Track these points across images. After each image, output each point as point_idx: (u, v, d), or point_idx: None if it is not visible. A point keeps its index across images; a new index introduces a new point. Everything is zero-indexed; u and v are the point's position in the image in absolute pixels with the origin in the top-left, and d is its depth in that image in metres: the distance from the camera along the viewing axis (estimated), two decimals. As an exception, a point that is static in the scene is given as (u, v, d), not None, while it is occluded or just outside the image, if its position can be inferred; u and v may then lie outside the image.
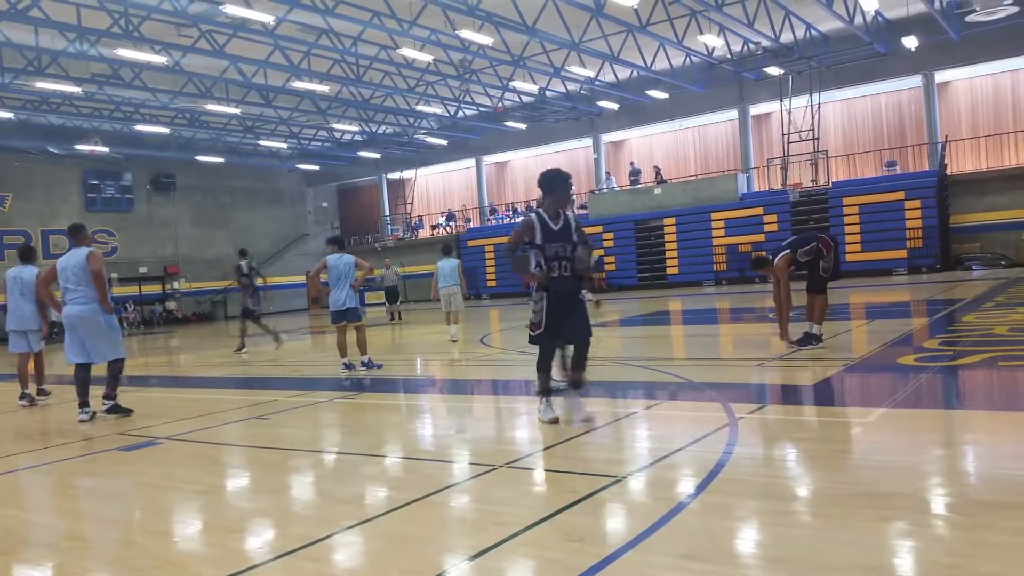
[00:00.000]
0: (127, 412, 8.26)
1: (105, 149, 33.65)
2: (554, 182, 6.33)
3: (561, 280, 6.20)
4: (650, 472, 4.78)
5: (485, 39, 23.84)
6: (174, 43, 23.30)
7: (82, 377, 8.27)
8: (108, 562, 3.94)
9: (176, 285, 39.54)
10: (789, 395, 7.32)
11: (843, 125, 32.62)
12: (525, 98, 33.54)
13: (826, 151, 30.08)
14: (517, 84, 30.39)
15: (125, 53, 22.32)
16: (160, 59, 23.47)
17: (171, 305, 39.03)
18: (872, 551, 3.29)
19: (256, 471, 5.77)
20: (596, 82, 30.81)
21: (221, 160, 38.80)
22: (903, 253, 27.17)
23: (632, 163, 36.27)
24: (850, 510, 3.79)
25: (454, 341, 14.28)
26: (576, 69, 28.55)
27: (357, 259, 10.97)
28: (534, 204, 38.59)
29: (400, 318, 24.07)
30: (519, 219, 27.13)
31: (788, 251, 9.44)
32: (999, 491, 3.99)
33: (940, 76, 29.39)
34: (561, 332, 6.31)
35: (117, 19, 21.22)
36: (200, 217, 40.61)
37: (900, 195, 27.61)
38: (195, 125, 34.33)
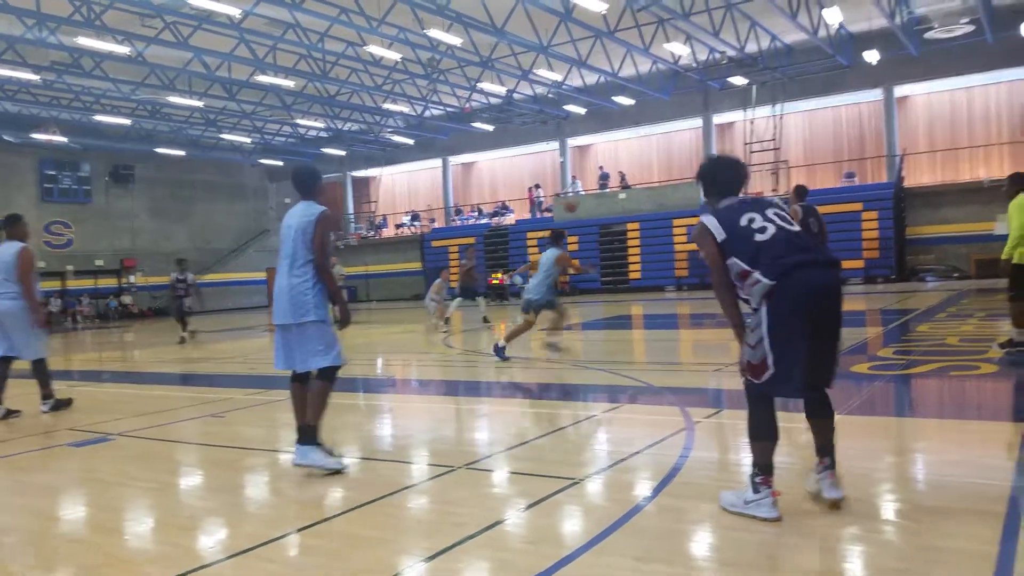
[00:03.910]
0: (68, 403, 8.11)
1: (63, 139, 32.93)
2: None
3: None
4: (607, 475, 4.80)
5: (454, 39, 23.80)
6: (137, 33, 22.88)
7: (2, 372, 8.03)
8: (53, 559, 3.85)
9: (132, 279, 38.80)
10: (745, 401, 7.39)
11: (804, 136, 33.12)
12: (492, 100, 33.54)
13: (787, 161, 30.53)
14: (485, 85, 30.37)
15: (86, 42, 21.86)
16: (122, 49, 23.02)
17: (127, 299, 38.29)
18: (823, 555, 3.35)
19: (210, 469, 5.69)
20: (563, 86, 30.92)
21: (182, 153, 38.19)
22: (860, 263, 27.65)
23: (601, 167, 36.46)
24: (802, 515, 3.85)
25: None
26: (544, 72, 28.63)
27: (558, 256, 10.55)
28: (499, 206, 38.69)
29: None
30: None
31: None
32: (948, 498, 4.08)
33: (899, 90, 29.99)
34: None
35: (78, 7, 20.77)
36: (159, 210, 39.91)
37: (858, 206, 28.10)
38: (156, 117, 33.75)
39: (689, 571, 3.27)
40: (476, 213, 39.76)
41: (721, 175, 4.21)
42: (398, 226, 42.05)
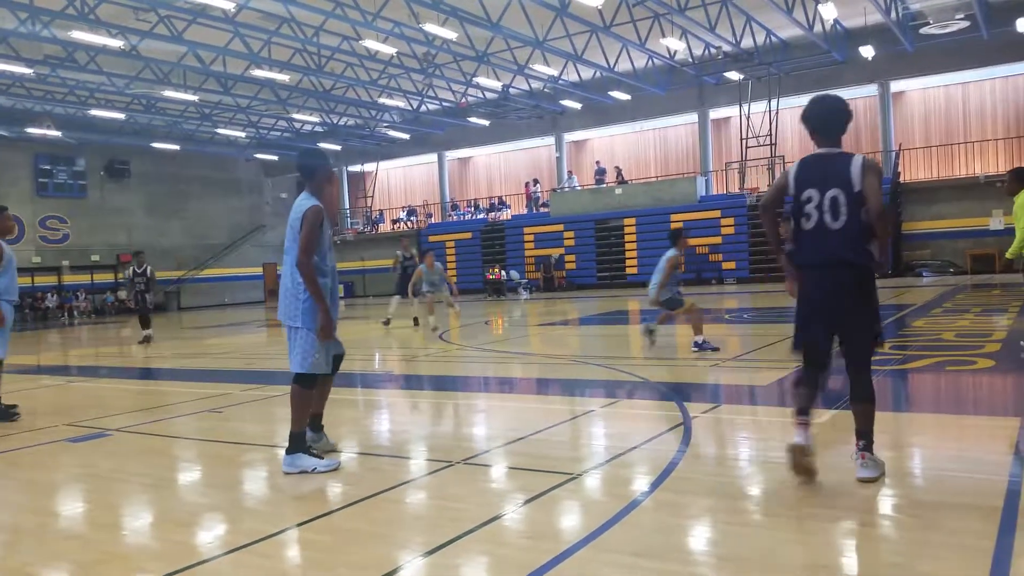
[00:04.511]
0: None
1: (57, 133, 32.82)
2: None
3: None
4: (605, 470, 4.81)
5: (449, 33, 23.75)
6: (131, 27, 22.81)
7: None
8: (50, 556, 3.85)
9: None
10: (742, 395, 7.42)
11: (800, 131, 32.62)
12: (488, 94, 33.50)
13: (783, 156, 30.54)
14: (481, 80, 30.33)
15: (80, 35, 21.79)
16: (116, 43, 22.94)
17: (123, 294, 38.20)
18: (820, 550, 3.36)
19: (208, 465, 5.68)
20: (559, 81, 30.89)
21: (177, 148, 38.09)
22: (856, 258, 27.68)
23: (598, 162, 36.45)
24: (799, 509, 3.86)
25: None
26: (540, 67, 28.60)
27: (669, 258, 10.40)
28: (496, 202, 38.68)
29: None
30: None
31: None
32: (945, 492, 4.09)
33: (895, 86, 30.03)
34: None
35: (72, 0, 20.70)
36: (155, 205, 39.81)
37: (854, 201, 28.10)
38: (151, 111, 33.65)
39: (687, 567, 3.27)
40: (472, 208, 39.73)
41: (813, 117, 4.50)
42: (394, 221, 42.01)
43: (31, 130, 32.20)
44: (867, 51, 26.53)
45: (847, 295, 4.25)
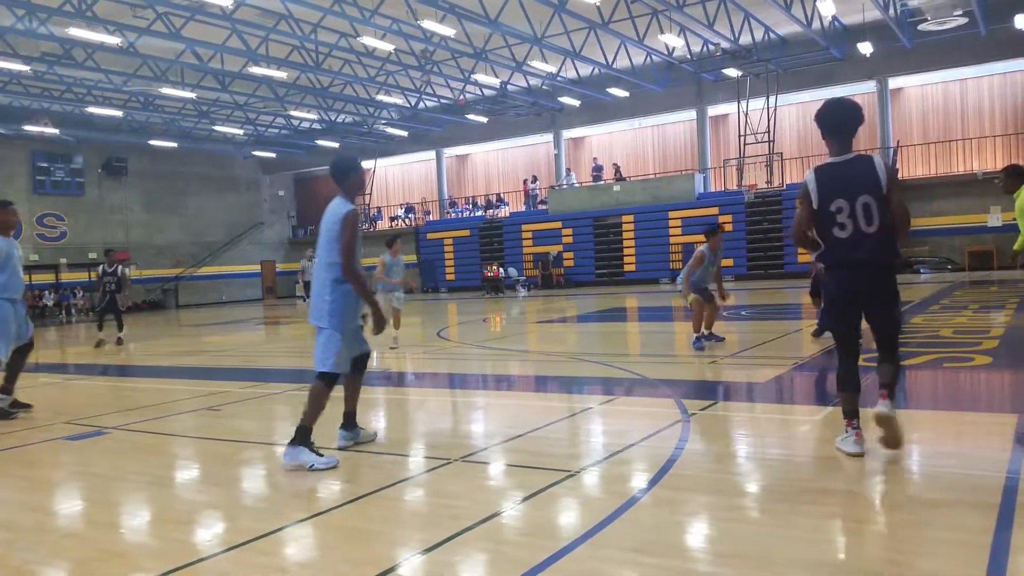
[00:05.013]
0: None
1: (55, 131, 32.74)
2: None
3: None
4: (603, 467, 4.81)
5: (447, 30, 23.71)
6: (129, 24, 22.74)
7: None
8: (48, 554, 3.85)
9: (122, 270, 38.59)
10: (740, 392, 7.43)
11: (798, 128, 33.12)
12: (487, 91, 33.45)
13: (781, 153, 30.52)
14: (479, 77, 30.28)
15: (77, 32, 21.72)
16: (114, 40, 22.87)
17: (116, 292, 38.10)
18: (818, 546, 3.36)
19: (206, 463, 5.68)
20: (558, 78, 30.85)
21: (175, 145, 38.01)
22: (854, 255, 27.70)
23: (595, 159, 36.44)
24: (797, 506, 3.87)
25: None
26: (538, 64, 28.55)
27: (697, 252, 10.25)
28: (494, 199, 38.66)
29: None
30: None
31: None
32: (941, 489, 4.10)
33: (893, 82, 30.01)
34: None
35: (69, -3, 20.65)
36: (152, 203, 39.73)
37: (852, 198, 28.12)
38: (149, 109, 33.57)
39: (686, 563, 3.28)
40: (470, 205, 39.71)
41: (828, 120, 4.62)
42: (392, 219, 41.98)
43: (28, 127, 32.12)
44: (865, 48, 26.52)
45: (883, 290, 4.64)
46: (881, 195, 4.45)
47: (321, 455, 5.07)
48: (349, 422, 5.59)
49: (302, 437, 5.08)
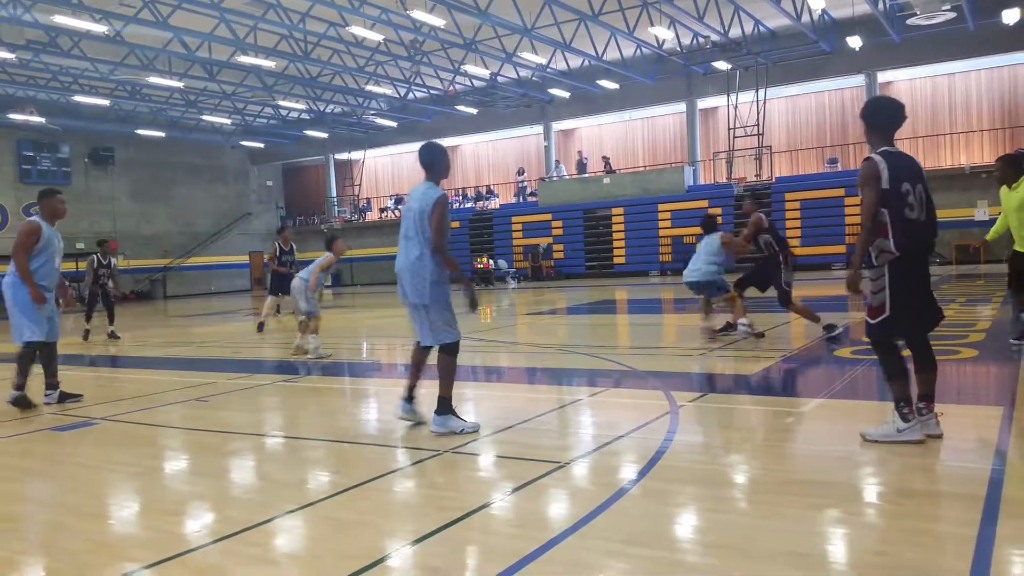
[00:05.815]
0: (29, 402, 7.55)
1: (41, 119, 32.43)
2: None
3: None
4: (592, 458, 4.83)
5: (437, 20, 23.62)
6: (115, 12, 22.54)
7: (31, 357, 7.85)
8: (37, 544, 3.84)
9: (114, 262, 38.39)
10: (728, 384, 7.46)
11: (787, 121, 33.22)
12: (476, 83, 33.37)
13: (770, 146, 30.60)
14: (469, 68, 30.18)
15: (63, 20, 21.52)
16: (100, 28, 22.66)
17: (109, 283, 37.93)
18: (805, 538, 3.39)
19: (195, 454, 5.67)
20: (547, 69, 30.80)
21: (162, 135, 37.75)
22: (842, 248, 27.82)
23: (580, 152, 36.42)
24: (785, 498, 3.90)
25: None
26: (528, 55, 28.49)
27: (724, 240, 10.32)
28: (483, 191, 38.60)
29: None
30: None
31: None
32: (927, 480, 4.14)
33: (882, 76, 30.10)
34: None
35: (55, -16, 20.45)
36: (140, 193, 39.46)
37: (840, 191, 28.25)
38: (136, 98, 33.31)
39: (674, 554, 3.30)
40: (460, 197, 39.64)
41: (886, 116, 4.79)
42: (382, 210, 41.87)
43: (14, 116, 31.80)
44: (854, 42, 26.58)
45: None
46: (928, 188, 4.81)
47: (465, 420, 5.56)
48: (411, 393, 5.86)
49: (446, 406, 5.53)
